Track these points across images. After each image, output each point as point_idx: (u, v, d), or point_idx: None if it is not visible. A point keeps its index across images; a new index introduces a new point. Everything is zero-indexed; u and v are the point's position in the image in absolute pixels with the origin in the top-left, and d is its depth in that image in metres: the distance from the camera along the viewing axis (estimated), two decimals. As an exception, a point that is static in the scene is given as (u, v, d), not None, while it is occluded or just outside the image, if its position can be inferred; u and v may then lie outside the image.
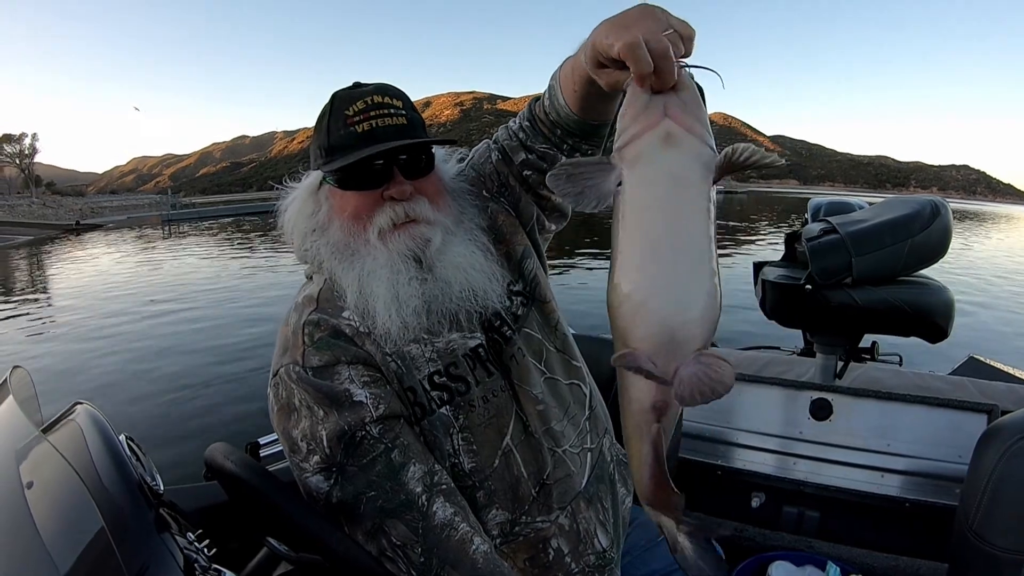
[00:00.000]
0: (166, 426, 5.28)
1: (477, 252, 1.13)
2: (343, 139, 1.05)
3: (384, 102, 1.07)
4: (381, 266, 1.06)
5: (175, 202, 63.42)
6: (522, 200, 1.26)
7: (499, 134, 1.25)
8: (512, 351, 1.17)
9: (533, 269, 1.26)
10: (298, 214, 1.15)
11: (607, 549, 1.23)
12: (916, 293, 2.05)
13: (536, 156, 1.17)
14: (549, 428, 1.18)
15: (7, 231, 33.92)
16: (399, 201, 1.07)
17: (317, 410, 1.02)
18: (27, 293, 14.12)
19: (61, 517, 0.77)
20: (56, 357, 7.99)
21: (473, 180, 1.25)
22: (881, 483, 2.15)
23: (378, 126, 1.05)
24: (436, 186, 1.13)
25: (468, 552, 1.00)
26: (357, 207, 1.08)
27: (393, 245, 1.06)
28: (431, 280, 1.08)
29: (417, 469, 1.03)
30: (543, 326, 1.25)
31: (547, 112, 1.09)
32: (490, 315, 1.16)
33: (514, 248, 1.24)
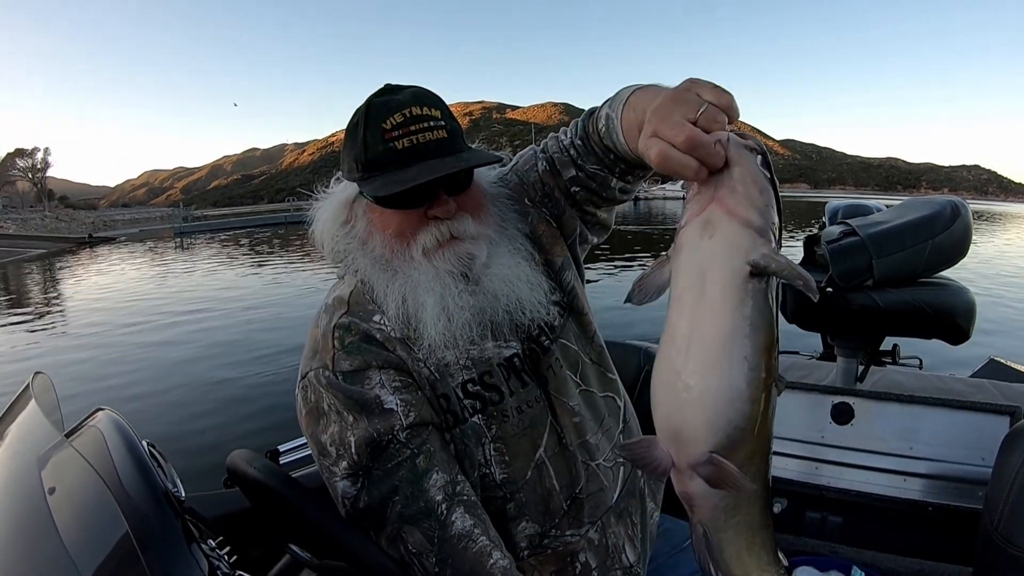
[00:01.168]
0: (183, 435, 5.30)
1: (523, 263, 1.12)
2: (382, 156, 1.00)
3: (423, 114, 1.01)
4: (428, 281, 1.03)
5: (187, 215, 63.94)
6: (566, 213, 1.23)
7: (548, 143, 1.21)
8: (549, 362, 1.16)
9: (571, 280, 1.23)
10: (331, 222, 1.12)
11: (634, 564, 1.22)
12: (938, 294, 2.04)
13: (586, 175, 1.13)
14: (584, 441, 1.16)
15: (20, 244, 34.30)
16: (443, 220, 1.03)
17: (347, 416, 1.00)
18: (41, 305, 14.23)
19: (84, 522, 0.76)
20: (72, 367, 8.02)
21: (515, 186, 1.22)
22: (904, 487, 2.13)
23: (419, 142, 1.00)
24: (478, 199, 1.10)
25: (485, 566, 0.98)
26: (400, 225, 1.05)
27: (439, 263, 1.04)
28: (479, 293, 1.06)
29: (440, 477, 1.01)
30: (580, 337, 1.23)
31: (602, 137, 1.03)
32: (528, 325, 1.14)
33: (554, 259, 1.22)
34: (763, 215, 0.61)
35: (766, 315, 0.61)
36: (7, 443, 0.98)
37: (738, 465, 0.63)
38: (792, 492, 2.24)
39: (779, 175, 0.64)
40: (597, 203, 1.18)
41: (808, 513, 2.23)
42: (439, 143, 1.01)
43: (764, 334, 0.61)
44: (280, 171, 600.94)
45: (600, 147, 1.05)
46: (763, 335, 0.61)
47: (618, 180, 1.10)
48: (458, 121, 1.08)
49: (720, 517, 0.70)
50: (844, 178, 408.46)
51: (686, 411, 0.63)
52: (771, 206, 0.62)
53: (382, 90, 1.05)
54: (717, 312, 0.61)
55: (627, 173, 1.09)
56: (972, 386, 2.39)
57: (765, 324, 0.61)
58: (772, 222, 0.62)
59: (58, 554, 0.71)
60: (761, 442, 0.65)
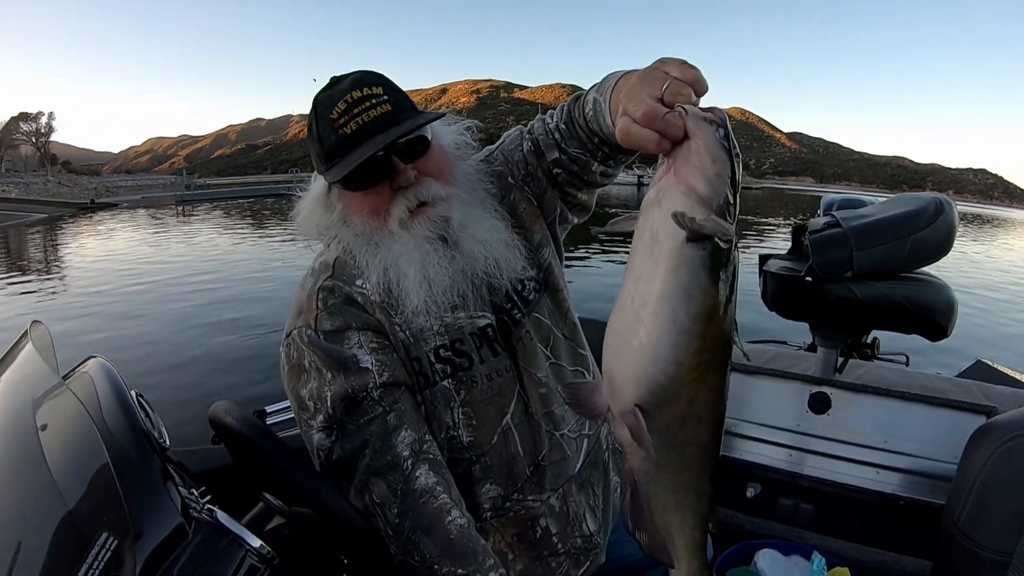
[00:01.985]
0: (176, 395, 5.43)
1: (499, 223, 1.16)
2: (335, 144, 1.05)
3: (364, 95, 1.05)
4: (410, 250, 1.08)
5: (190, 183, 63.58)
6: (547, 193, 1.27)
7: (534, 125, 1.25)
8: (520, 334, 1.21)
9: (548, 258, 1.28)
10: (312, 214, 1.17)
11: (594, 534, 1.28)
12: (917, 290, 2.06)
13: (568, 158, 1.17)
14: (550, 411, 1.21)
15: (23, 208, 34.14)
16: (407, 188, 1.07)
17: (325, 372, 1.06)
18: (41, 267, 14.31)
19: (70, 455, 0.82)
20: (69, 328, 8.11)
21: (500, 166, 1.27)
22: (877, 479, 2.15)
23: (365, 122, 1.04)
24: (439, 161, 1.13)
25: (443, 521, 1.02)
26: (372, 205, 1.10)
27: (415, 231, 1.08)
28: (459, 257, 1.11)
29: (408, 435, 1.06)
30: (554, 313, 1.27)
31: (588, 121, 1.07)
32: (501, 297, 1.19)
33: (532, 236, 1.26)
34: (711, 184, 0.62)
35: (703, 284, 0.62)
36: (4, 383, 1.03)
37: (666, 425, 0.67)
38: (766, 478, 2.28)
39: (785, 168, 0.66)
40: (578, 185, 1.23)
41: (781, 499, 2.27)
42: (384, 117, 1.05)
43: (699, 302, 0.63)
44: (284, 142, 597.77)
45: (584, 131, 1.09)
46: (698, 303, 0.62)
47: (599, 164, 1.14)
48: (404, 92, 1.11)
49: (649, 470, 0.73)
50: (850, 174, 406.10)
51: (619, 361, 0.67)
52: (722, 176, 0.63)
53: (327, 85, 1.10)
54: (653, 274, 0.64)
55: (609, 157, 1.13)
56: (955, 385, 2.40)
57: (701, 292, 0.62)
58: (719, 191, 0.63)
59: (46, 483, 0.77)
60: (696, 408, 0.67)
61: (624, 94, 0.72)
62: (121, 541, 0.71)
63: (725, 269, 0.63)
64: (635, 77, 0.72)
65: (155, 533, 0.74)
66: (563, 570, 1.25)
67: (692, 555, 0.79)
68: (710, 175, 0.63)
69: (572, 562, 1.26)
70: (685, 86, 0.67)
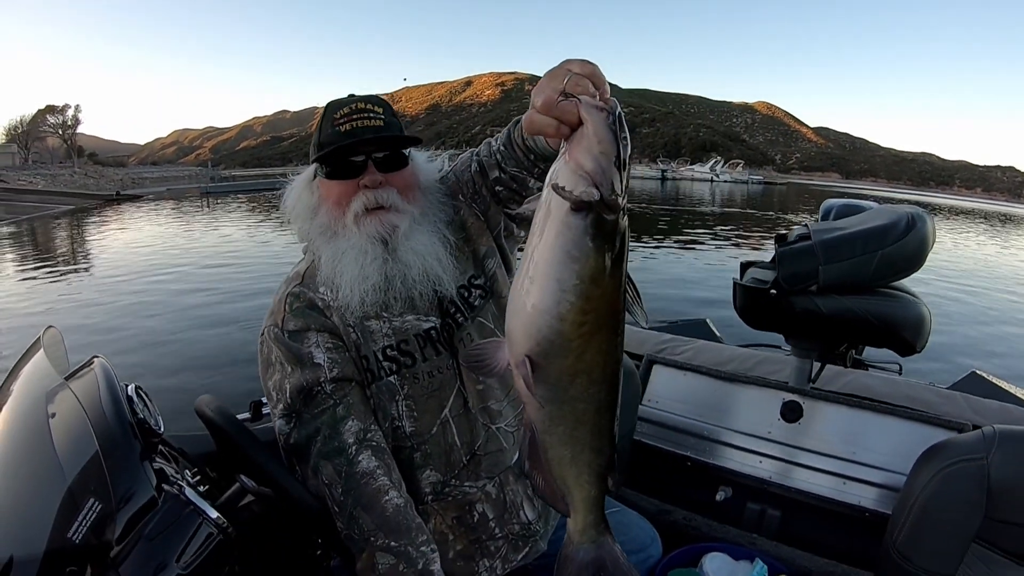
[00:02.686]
0: (187, 385, 5.63)
1: (438, 243, 1.31)
2: (329, 136, 1.27)
3: (366, 108, 1.28)
4: (353, 247, 1.26)
5: (214, 175, 64.02)
6: (491, 209, 1.42)
7: (481, 148, 1.39)
8: (462, 335, 1.36)
9: (493, 268, 1.42)
10: (297, 200, 1.36)
11: (533, 522, 1.41)
12: (884, 305, 2.04)
13: (508, 177, 1.29)
14: (486, 406, 1.36)
15: (49, 200, 34.60)
16: (371, 189, 1.26)
17: (287, 366, 1.26)
18: (66, 258, 14.67)
19: (70, 440, 1.03)
20: (89, 319, 8.40)
21: (452, 185, 1.43)
22: (843, 490, 2.13)
23: (358, 126, 1.25)
24: (408, 181, 1.32)
25: (380, 500, 1.19)
26: (339, 194, 1.29)
27: (364, 228, 1.26)
28: (392, 261, 1.27)
29: (354, 424, 1.24)
30: (497, 318, 1.41)
31: (524, 139, 1.17)
32: (446, 302, 1.34)
33: (479, 248, 1.41)
34: (596, 162, 0.69)
35: (584, 248, 0.69)
36: (23, 379, 1.25)
37: (556, 378, 0.75)
38: (735, 482, 2.31)
39: (811, 163, 0.72)
40: (519, 201, 1.34)
41: (750, 504, 2.29)
42: (374, 128, 1.27)
43: (582, 265, 0.70)
44: (309, 133, 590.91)
45: (521, 149, 1.20)
46: (581, 266, 0.70)
47: (536, 180, 1.24)
48: (399, 120, 1.33)
49: (545, 421, 0.80)
50: (876, 170, 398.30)
51: (514, 316, 0.76)
52: (607, 155, 0.69)
53: (343, 98, 1.33)
54: (544, 239, 0.72)
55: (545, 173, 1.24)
56: (942, 397, 2.38)
57: (583, 256, 0.70)
58: (605, 169, 0.69)
59: (51, 458, 1.01)
60: (584, 364, 0.75)
61: (533, 90, 0.80)
62: (104, 506, 0.93)
63: (610, 238, 0.71)
64: (544, 76, 0.80)
65: (131, 503, 0.96)
66: (502, 553, 1.38)
67: (588, 508, 0.88)
68: (596, 154, 0.69)
69: (510, 546, 1.39)
70: (583, 79, 0.76)
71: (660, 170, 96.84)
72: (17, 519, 0.97)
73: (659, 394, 2.57)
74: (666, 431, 2.50)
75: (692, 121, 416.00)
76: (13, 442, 1.11)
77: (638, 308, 0.75)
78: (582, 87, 0.75)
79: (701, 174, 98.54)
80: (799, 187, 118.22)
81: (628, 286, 0.75)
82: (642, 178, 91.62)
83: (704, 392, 2.49)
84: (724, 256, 15.38)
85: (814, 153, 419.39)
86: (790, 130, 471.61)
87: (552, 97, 0.74)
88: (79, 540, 0.91)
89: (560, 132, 0.75)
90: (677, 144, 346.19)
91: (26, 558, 0.90)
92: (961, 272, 15.13)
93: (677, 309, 8.28)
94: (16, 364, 1.32)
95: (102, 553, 0.91)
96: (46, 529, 0.92)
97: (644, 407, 2.53)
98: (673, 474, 2.43)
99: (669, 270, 13.06)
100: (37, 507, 0.97)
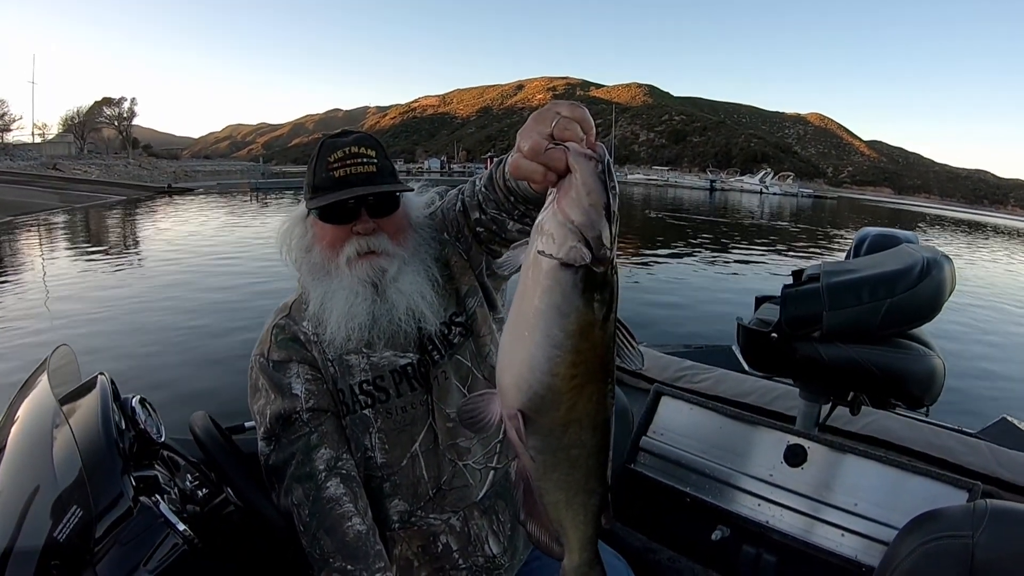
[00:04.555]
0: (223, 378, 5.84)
1: (425, 282, 1.35)
2: (324, 181, 1.31)
3: (359, 152, 1.31)
4: (344, 287, 1.32)
5: (265, 170, 65.17)
6: (473, 249, 1.44)
7: (466, 187, 1.41)
8: (436, 373, 1.40)
9: (474, 307, 1.45)
10: (289, 233, 1.41)
11: (497, 556, 1.43)
12: (890, 357, 1.97)
13: (488, 218, 1.31)
14: (455, 443, 1.40)
15: (102, 190, 35.83)
16: (364, 235, 1.31)
17: (270, 393, 1.35)
18: (115, 251, 15.07)
19: (63, 456, 1.16)
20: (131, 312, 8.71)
21: (439, 222, 1.47)
22: (840, 542, 2.01)
23: (351, 173, 1.29)
24: (398, 223, 1.36)
25: (343, 525, 1.26)
26: (332, 238, 1.34)
27: (356, 272, 1.31)
28: (380, 302, 1.32)
29: (326, 452, 1.32)
30: (475, 356, 1.44)
31: (506, 180, 1.16)
32: (425, 339, 1.39)
33: (461, 286, 1.45)
34: (586, 214, 0.67)
35: (575, 303, 0.68)
36: (33, 396, 1.38)
37: (548, 429, 0.75)
38: (733, 523, 2.24)
39: (863, 177, 0.67)
40: (500, 243, 1.36)
41: (746, 546, 2.21)
42: (367, 175, 1.30)
43: (572, 320, 0.69)
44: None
45: (502, 191, 1.19)
46: (571, 321, 0.69)
47: (516, 223, 1.25)
48: (390, 161, 1.39)
49: (539, 469, 0.80)
50: (929, 186, 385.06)
51: (505, 370, 0.75)
52: (597, 207, 0.68)
53: (337, 134, 1.38)
54: (533, 293, 0.71)
55: (526, 215, 1.21)
56: (965, 445, 2.26)
57: (574, 311, 0.69)
58: (594, 221, 0.67)
59: (48, 468, 1.16)
60: (576, 415, 0.74)
61: (520, 132, 0.78)
62: (85, 513, 1.07)
63: (600, 290, 0.69)
64: (530, 119, 0.78)
65: (111, 512, 1.10)
66: None
67: (583, 547, 0.89)
68: (585, 206, 0.68)
69: None
70: (572, 122, 0.73)
71: (709, 180, 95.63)
72: (20, 516, 1.13)
73: (665, 426, 2.50)
74: (668, 464, 2.43)
75: (743, 131, 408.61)
76: (23, 455, 1.25)
77: (628, 353, 0.75)
78: (571, 131, 0.73)
79: (750, 185, 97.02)
80: (850, 201, 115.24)
81: (619, 330, 0.74)
82: (691, 188, 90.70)
83: (709, 427, 2.42)
84: (765, 273, 14.93)
85: (866, 167, 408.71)
86: (842, 143, 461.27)
87: (540, 142, 0.73)
88: (63, 540, 1.06)
89: (547, 179, 0.73)
90: (728, 154, 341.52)
91: (24, 549, 1.07)
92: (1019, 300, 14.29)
93: (703, 331, 8.23)
94: (27, 380, 1.47)
95: (82, 553, 1.06)
96: (42, 528, 1.08)
97: (648, 439, 2.49)
98: (669, 510, 2.38)
99: (705, 286, 12.81)
100: (36, 509, 1.13)
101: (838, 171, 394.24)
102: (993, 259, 25.68)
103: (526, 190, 1.11)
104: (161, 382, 5.76)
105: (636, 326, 0.73)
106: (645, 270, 14.01)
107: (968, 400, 6.18)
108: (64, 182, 38.79)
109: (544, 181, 0.73)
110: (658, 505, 2.40)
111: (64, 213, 24.03)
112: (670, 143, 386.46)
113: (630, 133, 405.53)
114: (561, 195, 0.70)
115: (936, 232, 42.39)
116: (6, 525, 1.11)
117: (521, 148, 0.75)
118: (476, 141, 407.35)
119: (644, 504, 2.43)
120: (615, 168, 0.73)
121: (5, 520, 1.12)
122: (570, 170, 0.70)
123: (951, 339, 8.81)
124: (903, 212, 79.35)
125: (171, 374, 6.10)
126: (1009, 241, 43.25)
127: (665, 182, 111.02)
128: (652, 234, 22.53)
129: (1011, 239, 46.32)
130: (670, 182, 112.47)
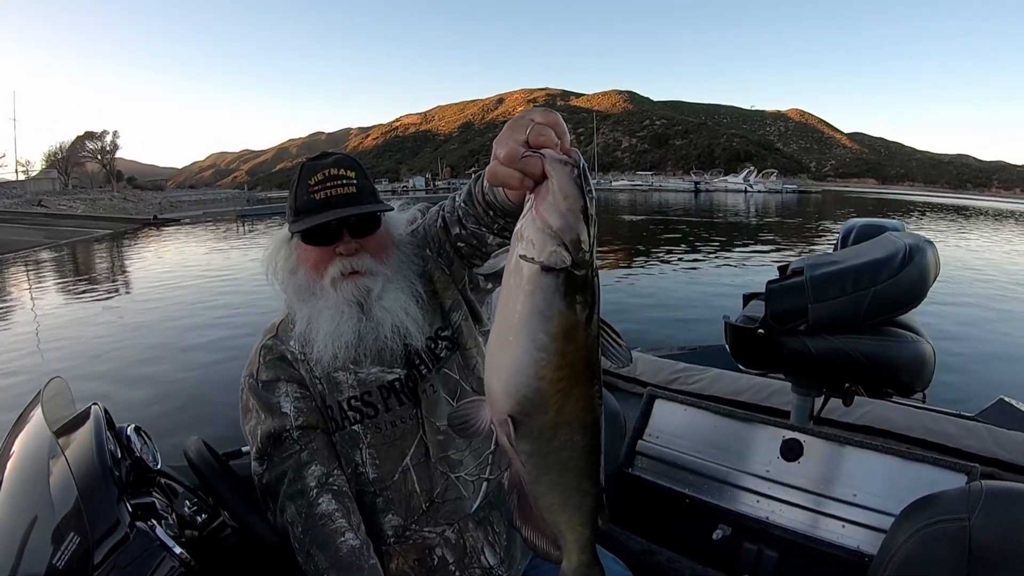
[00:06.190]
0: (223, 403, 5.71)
1: (409, 298, 1.37)
2: (306, 204, 1.33)
3: (339, 174, 1.33)
4: (329, 307, 1.33)
5: (250, 197, 65.02)
6: (455, 264, 1.45)
7: (446, 203, 1.40)
8: (424, 386, 1.41)
9: (459, 320, 1.47)
10: (274, 256, 1.43)
11: (494, 567, 1.44)
12: (878, 345, 1.97)
13: (468, 233, 1.29)
14: (446, 456, 1.40)
15: (88, 224, 35.52)
16: (347, 256, 1.33)
17: (260, 413, 1.36)
18: (103, 284, 15.06)
19: (60, 486, 1.19)
20: (124, 344, 8.68)
21: (421, 238, 1.48)
22: (841, 533, 1.99)
23: (332, 195, 1.31)
24: (381, 242, 1.38)
25: (336, 541, 1.27)
26: (316, 259, 1.35)
27: (341, 292, 1.33)
28: (365, 320, 1.34)
29: (317, 469, 1.34)
30: (463, 368, 1.46)
31: (484, 194, 1.15)
32: (412, 354, 1.40)
33: (444, 301, 1.47)
34: (563, 218, 0.68)
35: (557, 306, 0.69)
36: (29, 428, 1.41)
37: (538, 433, 0.76)
38: (735, 522, 2.23)
39: (846, 170, 0.67)
40: (480, 257, 1.36)
41: (747, 544, 2.19)
42: (347, 196, 1.33)
43: (555, 323, 0.70)
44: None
45: (481, 205, 1.18)
46: (554, 324, 0.70)
47: (495, 237, 1.25)
48: (371, 181, 1.41)
49: (532, 472, 0.81)
50: (913, 174, 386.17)
51: (492, 376, 0.76)
52: (574, 211, 0.69)
53: (317, 156, 1.40)
54: (516, 298, 0.71)
55: (506, 229, 1.20)
56: (964, 429, 2.27)
57: (557, 314, 0.69)
58: (572, 225, 0.68)
59: (45, 497, 1.19)
60: (565, 417, 0.75)
61: (496, 140, 0.79)
62: (82, 540, 1.10)
63: (582, 292, 0.70)
64: (505, 127, 0.79)
65: (106, 539, 1.12)
66: None
67: (581, 549, 0.89)
68: (563, 210, 0.69)
69: None
70: (546, 128, 0.74)
71: (693, 182, 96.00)
72: (20, 546, 1.16)
73: (660, 429, 2.50)
74: (666, 467, 2.43)
75: (725, 131, 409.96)
76: (20, 486, 1.28)
77: (614, 351, 0.75)
78: (545, 137, 0.74)
79: (734, 185, 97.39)
80: (835, 194, 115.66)
81: (604, 330, 0.75)
82: (675, 191, 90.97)
83: (704, 427, 2.42)
84: (754, 270, 14.96)
85: (849, 159, 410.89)
86: (824, 137, 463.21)
87: (516, 148, 0.73)
88: (62, 567, 1.08)
89: (524, 185, 0.74)
90: (711, 155, 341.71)
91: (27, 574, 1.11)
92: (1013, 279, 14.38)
93: (698, 332, 8.15)
94: (22, 412, 1.49)
95: None
96: (42, 557, 1.11)
97: (644, 442, 2.49)
98: (669, 512, 2.38)
99: (696, 287, 12.84)
100: (36, 538, 1.16)
101: (821, 165, 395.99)
102: (977, 243, 25.77)
103: (504, 202, 1.10)
104: (157, 411, 5.76)
105: (630, 333, 0.73)
106: (634, 276, 14.02)
107: (964, 384, 6.18)
108: (50, 218, 38.68)
109: (521, 187, 0.74)
110: (657, 508, 2.40)
111: (50, 250, 23.92)
112: (652, 147, 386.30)
113: (612, 140, 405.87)
114: (539, 201, 0.71)
115: (924, 219, 42.55)
116: (7, 554, 1.13)
117: (497, 155, 0.76)
118: (459, 156, 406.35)
119: (643, 508, 2.43)
120: (594, 174, 0.73)
121: (6, 549, 1.15)
122: (546, 176, 0.71)
123: (947, 322, 9.02)
124: (888, 202, 79.59)
125: (168, 403, 6.08)
126: (995, 223, 43.35)
127: (650, 187, 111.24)
128: (638, 239, 22.58)
129: (997, 221, 46.34)
130: (655, 186, 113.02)
